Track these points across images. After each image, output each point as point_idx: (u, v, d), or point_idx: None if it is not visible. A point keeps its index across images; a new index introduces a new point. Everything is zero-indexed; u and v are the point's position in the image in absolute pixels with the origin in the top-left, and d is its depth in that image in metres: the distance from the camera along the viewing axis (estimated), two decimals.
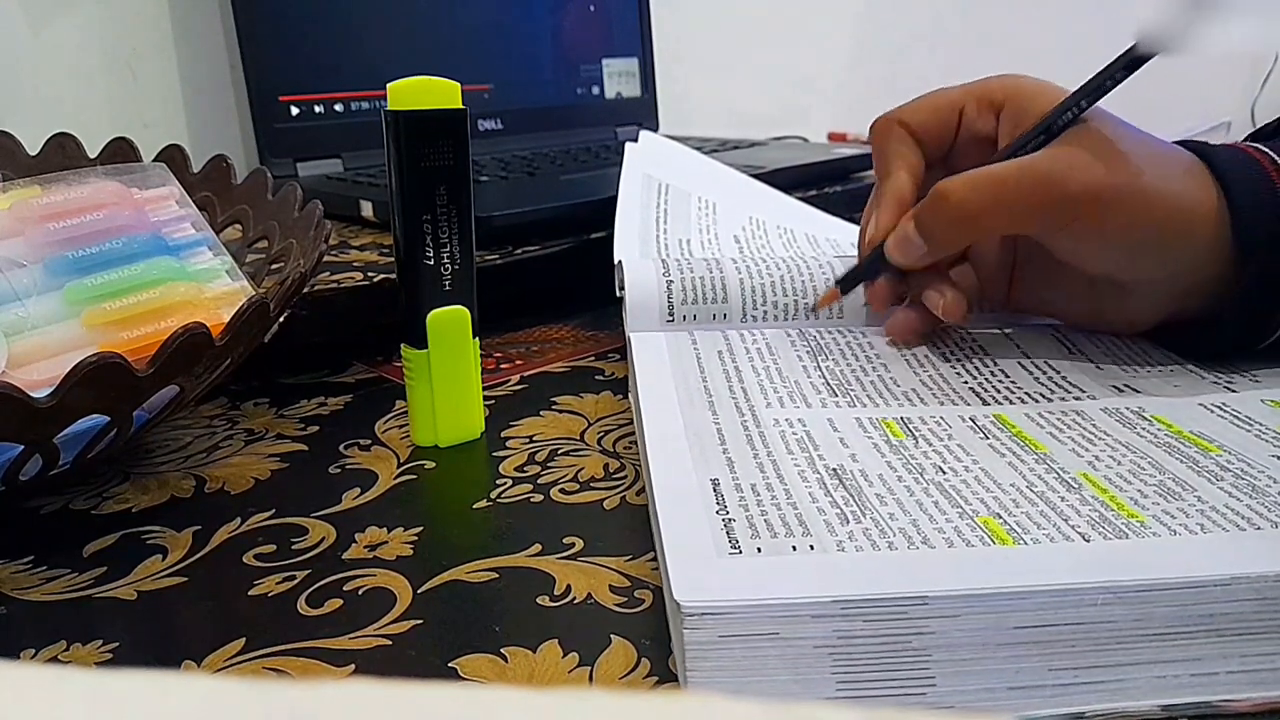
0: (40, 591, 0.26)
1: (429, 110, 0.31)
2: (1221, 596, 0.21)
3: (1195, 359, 0.35)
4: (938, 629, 0.20)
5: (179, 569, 0.27)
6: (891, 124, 0.38)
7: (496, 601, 0.25)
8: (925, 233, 0.34)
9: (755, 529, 0.23)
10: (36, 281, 0.32)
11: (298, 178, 0.67)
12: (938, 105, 0.38)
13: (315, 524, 0.30)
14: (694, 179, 0.54)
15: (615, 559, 0.27)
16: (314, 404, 0.39)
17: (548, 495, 0.31)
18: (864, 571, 0.21)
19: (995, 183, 0.32)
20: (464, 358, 0.34)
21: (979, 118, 0.37)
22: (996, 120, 0.37)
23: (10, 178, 0.39)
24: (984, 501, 0.25)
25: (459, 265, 0.33)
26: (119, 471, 0.34)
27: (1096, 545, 0.22)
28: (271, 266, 0.39)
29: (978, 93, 0.37)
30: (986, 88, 0.37)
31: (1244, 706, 0.21)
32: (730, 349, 0.37)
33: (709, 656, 0.20)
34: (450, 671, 0.22)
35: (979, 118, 0.37)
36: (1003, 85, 0.37)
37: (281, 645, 0.24)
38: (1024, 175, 0.32)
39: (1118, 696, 0.21)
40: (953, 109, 0.37)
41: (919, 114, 0.38)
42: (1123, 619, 0.20)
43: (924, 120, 0.38)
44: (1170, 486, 0.25)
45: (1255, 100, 1.15)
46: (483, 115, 0.77)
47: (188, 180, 0.40)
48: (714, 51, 1.06)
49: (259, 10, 0.66)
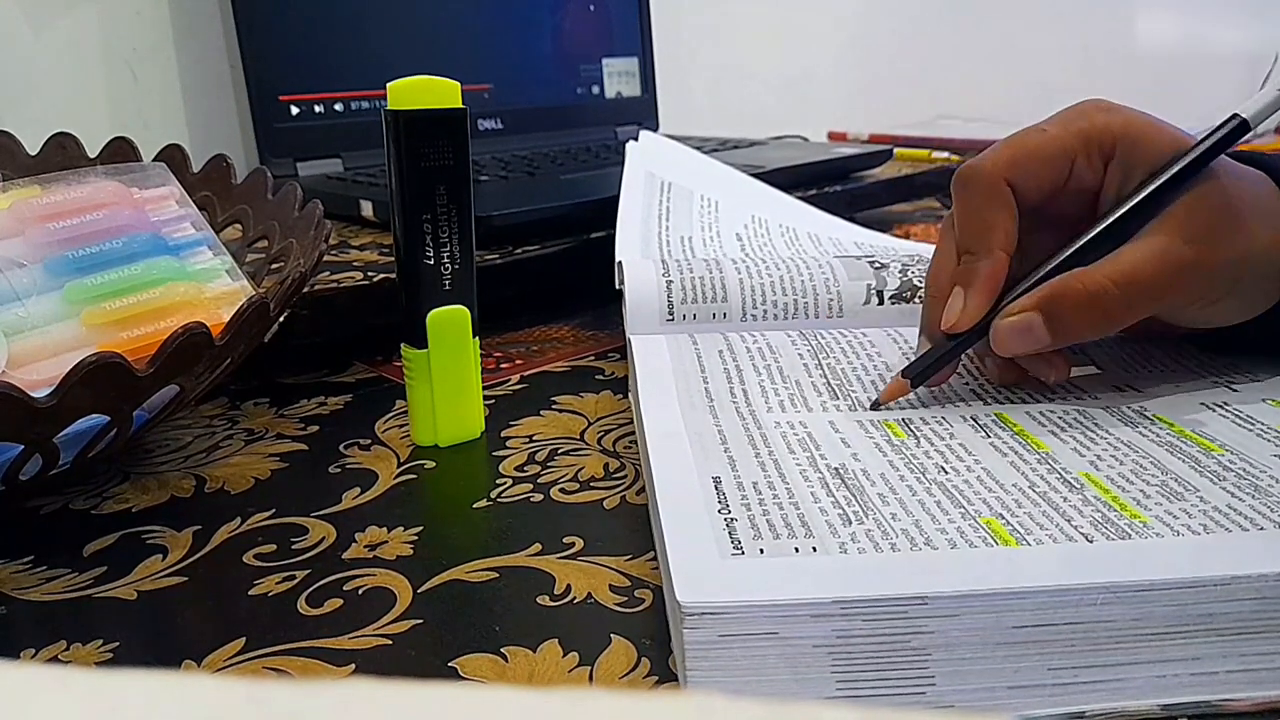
0: (40, 591, 0.26)
1: (429, 110, 0.31)
2: (1220, 596, 0.20)
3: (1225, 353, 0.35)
4: (937, 629, 0.20)
5: (179, 569, 0.27)
6: (997, 182, 0.32)
7: (496, 601, 0.25)
8: (1058, 327, 0.30)
9: (758, 529, 0.23)
10: (36, 281, 0.32)
11: (298, 177, 0.67)
12: (1048, 157, 0.32)
13: (315, 524, 0.30)
14: (696, 177, 0.54)
15: (615, 558, 0.27)
16: (314, 404, 0.39)
17: (548, 495, 0.31)
18: (865, 573, 0.21)
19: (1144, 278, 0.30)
20: (464, 357, 0.34)
21: (1089, 168, 0.33)
22: (1103, 170, 0.33)
23: (10, 177, 0.39)
24: (986, 502, 0.25)
25: (459, 265, 0.33)
26: (119, 471, 0.34)
27: (1099, 546, 0.22)
28: (271, 266, 0.39)
29: (1088, 140, 0.32)
30: (1095, 131, 0.32)
31: (1244, 706, 0.21)
32: (730, 349, 0.37)
33: (709, 656, 0.20)
34: (450, 671, 0.22)
35: (1089, 168, 0.33)
36: (1110, 128, 0.32)
37: (281, 645, 0.23)
38: (1169, 262, 0.30)
39: (1117, 696, 0.21)
40: (1065, 161, 0.32)
41: (1028, 170, 0.32)
42: (1122, 618, 0.20)
43: (1035, 178, 0.32)
44: (1173, 487, 0.25)
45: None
46: (483, 115, 0.77)
47: (188, 180, 0.40)
48: (714, 51, 1.06)
49: (259, 10, 0.66)
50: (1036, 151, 0.33)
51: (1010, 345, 0.31)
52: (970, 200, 0.33)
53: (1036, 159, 0.32)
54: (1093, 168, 0.33)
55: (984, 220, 0.32)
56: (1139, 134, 0.32)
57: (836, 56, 1.17)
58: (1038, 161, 0.32)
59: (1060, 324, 0.30)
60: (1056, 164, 0.32)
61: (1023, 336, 0.31)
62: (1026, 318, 0.31)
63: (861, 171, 0.72)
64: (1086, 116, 0.33)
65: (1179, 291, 0.30)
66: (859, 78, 1.18)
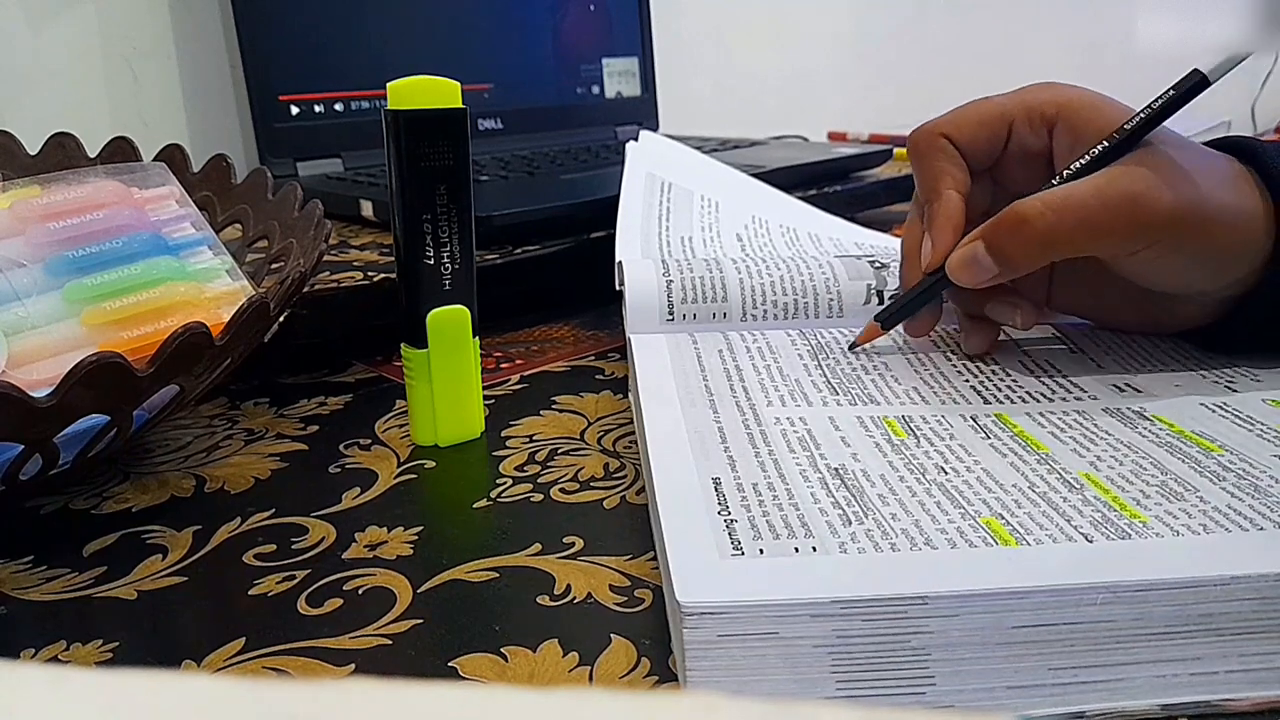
0: (40, 591, 0.26)
1: (429, 110, 0.31)
2: (1220, 596, 0.20)
3: (1221, 351, 0.35)
4: (936, 628, 0.20)
5: (179, 568, 0.27)
6: (935, 137, 0.36)
7: (497, 601, 0.25)
8: (999, 255, 0.32)
9: (758, 530, 0.23)
10: (36, 281, 0.32)
11: (298, 177, 0.67)
12: (985, 118, 0.35)
13: (315, 523, 0.30)
14: (696, 177, 0.54)
15: (615, 558, 0.27)
16: (314, 403, 0.39)
17: (548, 495, 0.31)
18: (865, 573, 0.21)
19: (1077, 204, 0.31)
20: (464, 357, 0.34)
21: (1030, 132, 0.35)
22: (1049, 135, 0.35)
23: (10, 177, 0.39)
24: (986, 502, 0.25)
25: (459, 265, 0.33)
26: (119, 471, 0.34)
27: (1099, 546, 0.22)
28: (271, 266, 0.39)
29: (1028, 105, 0.35)
30: (1036, 100, 0.35)
31: (1244, 706, 0.21)
32: (730, 348, 0.37)
33: (709, 656, 0.20)
34: (450, 671, 0.22)
35: (1030, 132, 0.35)
36: (1054, 98, 0.35)
37: (281, 645, 0.23)
38: (1107, 196, 0.31)
39: (1117, 695, 0.21)
40: (1002, 122, 0.35)
41: (965, 127, 0.36)
42: (1121, 618, 0.20)
43: (971, 134, 0.35)
44: (1172, 487, 0.25)
45: (1255, 100, 1.15)
46: (483, 115, 0.77)
47: (188, 180, 0.40)
48: (714, 51, 1.06)
49: (259, 10, 0.66)
50: (974, 112, 0.36)
51: (962, 274, 0.34)
52: (916, 157, 0.36)
53: (973, 118, 0.36)
54: (1034, 131, 0.35)
55: (931, 171, 0.36)
56: (1084, 104, 0.34)
57: (836, 56, 1.17)
58: (975, 121, 0.36)
59: (1000, 250, 0.32)
60: (993, 124, 0.35)
61: (970, 266, 0.33)
62: (972, 247, 0.33)
63: (861, 171, 0.72)
64: (1034, 88, 0.36)
65: (1116, 226, 0.31)
66: (859, 78, 1.18)
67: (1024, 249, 0.32)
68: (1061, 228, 0.31)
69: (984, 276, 0.33)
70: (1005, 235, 0.32)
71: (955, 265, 0.34)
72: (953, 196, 0.35)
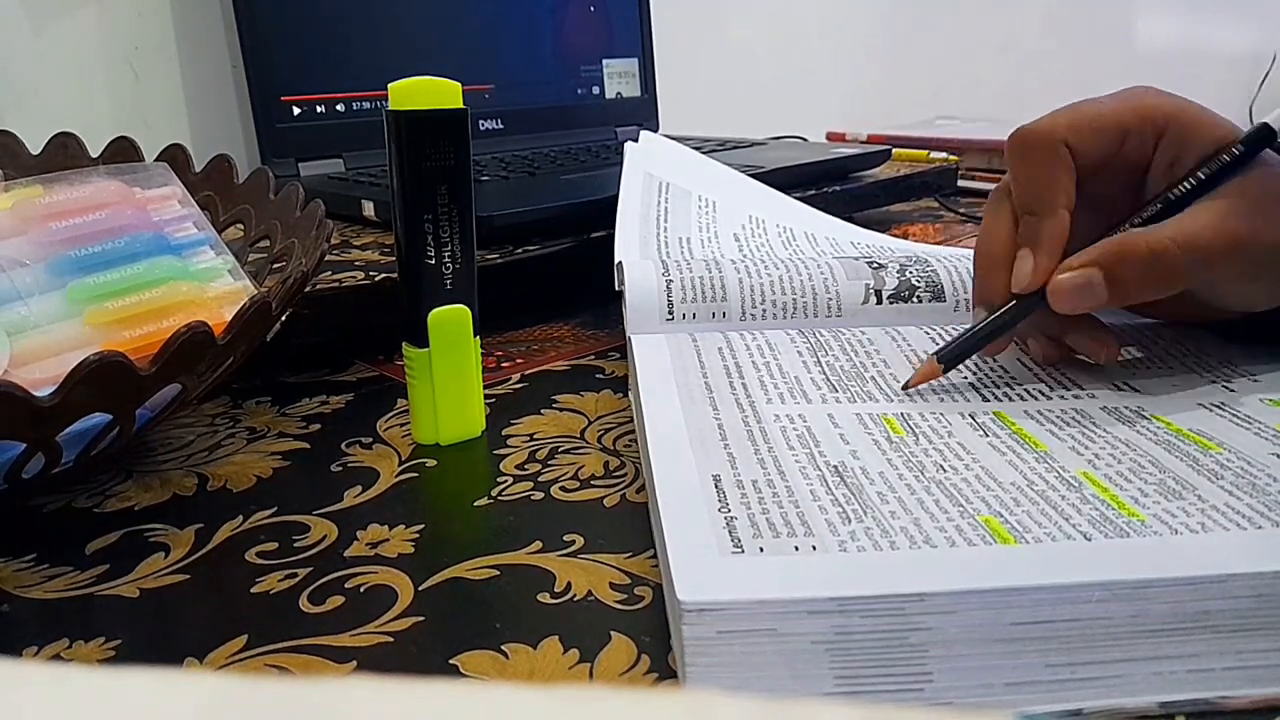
0: (42, 589, 0.27)
1: (430, 110, 0.31)
2: (1217, 594, 0.21)
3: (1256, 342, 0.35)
4: (935, 625, 0.20)
5: (181, 567, 0.27)
6: (1056, 143, 0.33)
7: (497, 599, 0.25)
8: (1117, 285, 0.30)
9: (757, 527, 0.23)
10: (39, 280, 0.32)
11: (299, 177, 0.67)
12: (1103, 126, 0.33)
13: (317, 522, 0.30)
14: (694, 178, 0.54)
15: (615, 556, 0.27)
16: (316, 402, 0.39)
17: (548, 493, 0.31)
18: (864, 570, 0.21)
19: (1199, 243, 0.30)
20: (465, 356, 0.34)
21: (1139, 143, 0.33)
22: (1154, 148, 0.33)
23: (12, 177, 0.39)
24: (985, 500, 0.25)
25: (460, 264, 0.33)
26: (121, 470, 0.34)
27: (1097, 544, 0.22)
28: (273, 266, 0.40)
29: (1141, 116, 0.33)
30: (1148, 111, 0.33)
31: (1242, 703, 0.21)
32: (730, 346, 0.37)
33: (708, 652, 0.20)
34: (451, 668, 0.23)
35: (1139, 143, 0.33)
36: (1161, 108, 0.33)
37: (283, 643, 0.24)
38: (1224, 231, 0.30)
39: (1115, 693, 0.21)
40: (1118, 132, 0.33)
41: (1084, 135, 0.33)
42: (1119, 615, 0.21)
43: (1090, 143, 0.33)
44: (1171, 485, 0.25)
45: (1254, 100, 1.15)
46: (484, 115, 0.77)
47: (190, 180, 0.40)
48: (713, 51, 1.06)
49: (261, 10, 0.67)
50: (1094, 118, 0.33)
51: (1068, 302, 0.31)
52: (1029, 162, 0.33)
53: (1093, 125, 0.33)
54: (1144, 143, 0.33)
55: (1045, 180, 0.33)
56: (1191, 118, 0.33)
57: (835, 57, 1.17)
58: (1094, 128, 0.33)
59: (1119, 281, 0.31)
60: (1111, 133, 0.33)
61: (1081, 293, 0.31)
62: (1086, 273, 0.31)
63: (860, 172, 0.72)
64: (1141, 95, 0.34)
65: (1232, 261, 0.30)
66: (858, 78, 1.18)
67: (1149, 282, 0.31)
68: (1187, 262, 0.30)
69: (1089, 305, 0.31)
70: (1130, 266, 0.31)
71: (1063, 289, 0.31)
72: (1065, 217, 0.32)
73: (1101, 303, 0.31)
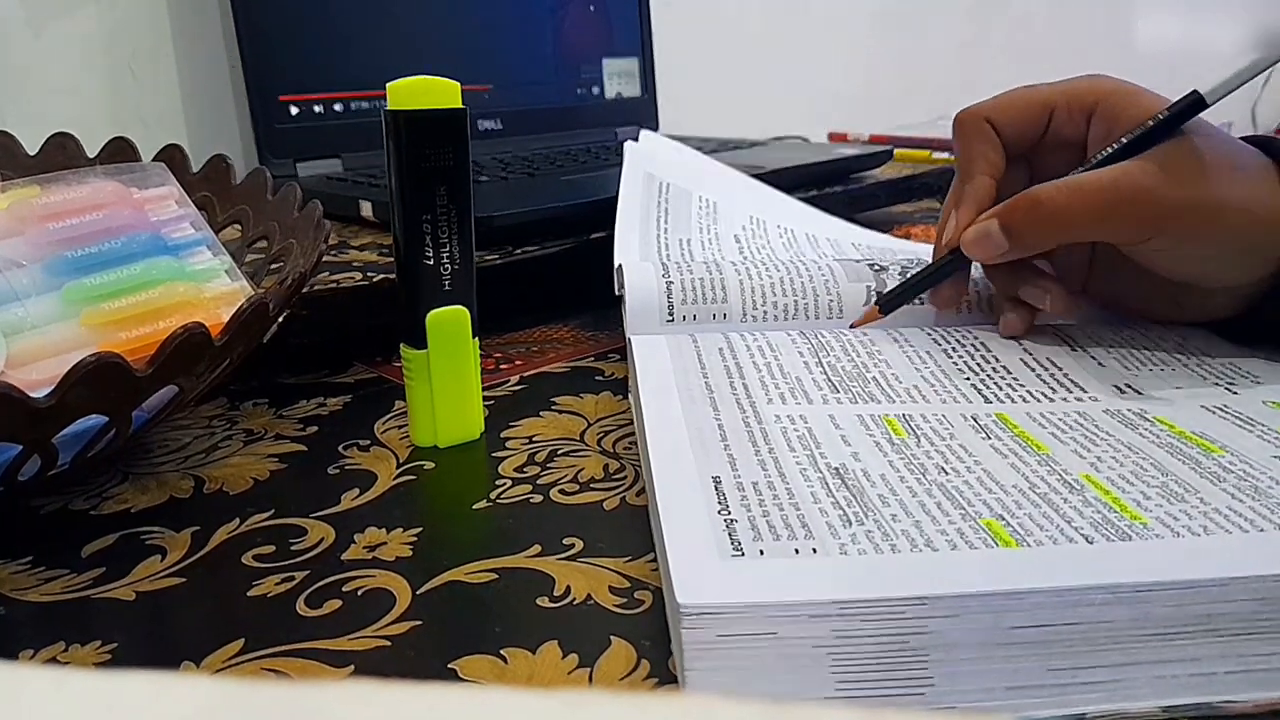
0: (39, 592, 0.26)
1: (429, 110, 0.31)
2: (1220, 597, 0.20)
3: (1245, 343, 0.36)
4: (936, 629, 0.20)
5: (178, 569, 0.27)
6: (978, 120, 0.37)
7: (496, 602, 0.25)
8: (1011, 232, 0.34)
9: (757, 530, 0.23)
10: (36, 281, 0.32)
11: (297, 178, 0.67)
12: (1028, 104, 0.37)
13: (314, 525, 0.30)
14: (695, 178, 0.54)
15: (615, 560, 0.27)
16: (313, 404, 0.39)
17: (547, 496, 0.31)
18: (865, 574, 0.21)
19: (1089, 191, 0.33)
20: (464, 358, 0.34)
21: (1069, 121, 0.37)
22: (1086, 124, 0.36)
23: (10, 177, 0.39)
24: (987, 503, 0.25)
25: (459, 265, 0.33)
26: (118, 472, 0.34)
27: (1099, 547, 0.22)
28: (271, 266, 0.39)
29: (1070, 95, 0.36)
30: (1078, 90, 0.36)
31: (1245, 707, 0.21)
32: (731, 347, 0.37)
33: (708, 657, 0.20)
34: (450, 673, 0.22)
35: (1069, 121, 0.37)
36: (1094, 88, 0.36)
37: (280, 646, 0.23)
38: (1118, 186, 0.32)
39: (1117, 697, 0.21)
40: (1043, 109, 0.37)
41: (1008, 112, 0.37)
42: (1121, 619, 0.20)
43: (1012, 119, 0.37)
44: (1173, 488, 0.25)
45: (1256, 101, 1.15)
46: (483, 115, 0.77)
47: (187, 180, 0.40)
48: (714, 51, 1.06)
49: (259, 10, 0.66)
50: (1021, 98, 0.37)
51: (975, 250, 0.36)
52: (958, 138, 0.38)
53: (1017, 104, 0.37)
54: (1073, 120, 0.37)
55: (969, 152, 0.38)
56: (1122, 94, 0.36)
57: (837, 57, 1.17)
58: (1018, 106, 0.37)
59: (1013, 228, 0.35)
60: (1035, 110, 0.37)
61: (982, 241, 0.35)
62: (986, 224, 0.35)
63: (862, 172, 0.72)
64: (1080, 79, 0.37)
65: (1122, 215, 0.33)
66: (859, 79, 1.18)
67: (1034, 228, 0.34)
68: (1070, 212, 0.33)
69: (995, 252, 0.35)
70: (1018, 214, 0.34)
71: (968, 239, 0.36)
72: (984, 180, 0.37)
73: (1003, 249, 0.35)
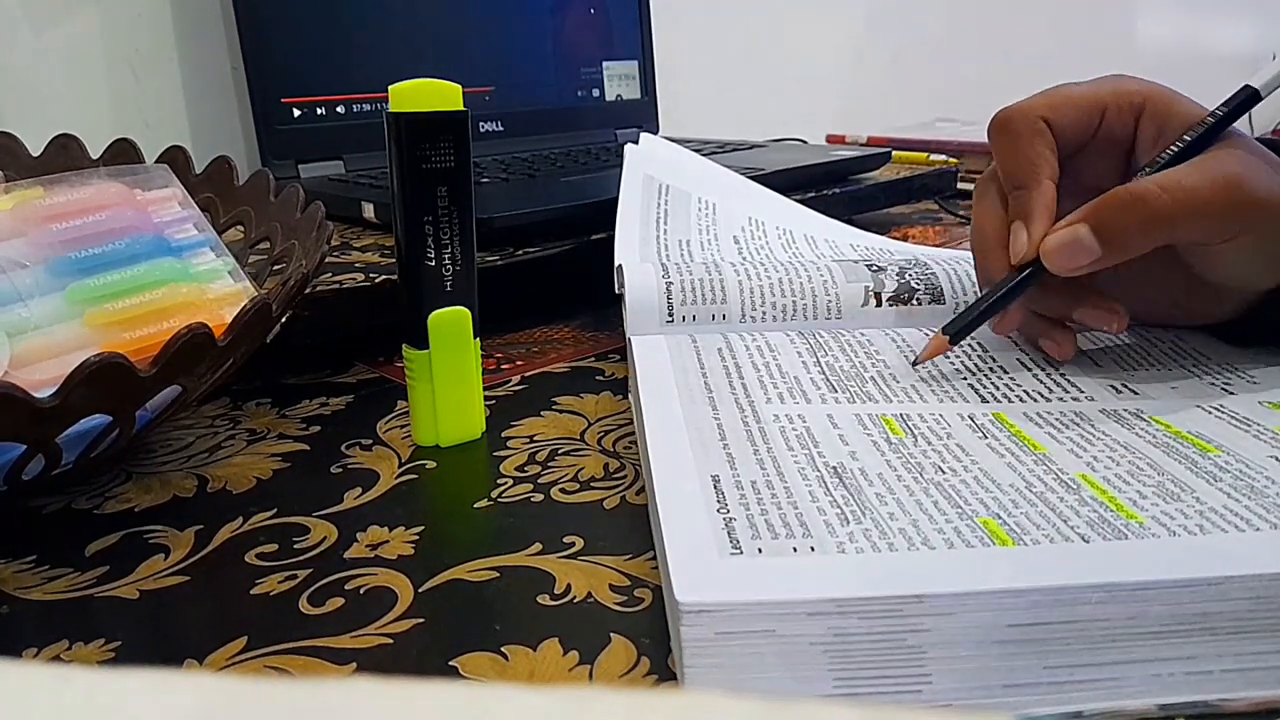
0: (42, 591, 0.27)
1: (430, 112, 0.31)
2: (1215, 596, 0.21)
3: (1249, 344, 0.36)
4: (933, 627, 0.20)
5: (181, 568, 0.27)
6: (1035, 120, 0.35)
7: (497, 600, 0.25)
8: (1106, 236, 0.31)
9: (756, 529, 0.23)
10: (39, 282, 0.32)
11: (300, 179, 0.67)
12: (1082, 104, 0.35)
13: (317, 523, 0.30)
14: (694, 180, 0.54)
15: (615, 558, 0.27)
16: (316, 404, 0.39)
17: (548, 495, 0.31)
18: (862, 572, 0.21)
19: (1189, 187, 0.30)
20: (465, 358, 0.34)
21: (1119, 121, 0.35)
22: (1134, 124, 0.35)
23: (13, 178, 0.39)
24: (984, 502, 0.25)
25: (460, 266, 0.33)
26: (121, 471, 0.34)
27: (1095, 546, 0.22)
28: (274, 267, 0.40)
29: (1118, 93, 0.35)
30: (1125, 88, 0.35)
31: (1241, 705, 0.21)
32: (730, 346, 0.37)
33: (707, 654, 0.20)
34: (451, 670, 0.23)
35: (1119, 121, 0.35)
36: (1139, 89, 0.35)
37: (283, 644, 0.24)
38: (1215, 178, 0.31)
39: (1114, 695, 0.21)
40: (1096, 108, 0.35)
41: (1064, 112, 0.35)
42: (1117, 618, 0.21)
43: (1068, 121, 0.35)
44: (1169, 488, 0.25)
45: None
46: (484, 117, 0.77)
47: (190, 181, 0.40)
48: (713, 54, 1.06)
49: (261, 12, 0.67)
50: (1071, 96, 0.35)
51: (1061, 260, 0.32)
52: (1012, 140, 0.35)
53: (1071, 103, 0.35)
54: (1123, 121, 0.35)
55: (1029, 154, 0.34)
56: (1168, 96, 0.34)
57: (835, 59, 1.17)
58: (1072, 105, 0.35)
59: (1108, 231, 0.31)
60: (1089, 110, 0.35)
61: (1072, 249, 0.31)
62: (1074, 229, 0.31)
63: (860, 174, 0.72)
64: (1116, 78, 0.36)
65: (1222, 207, 0.30)
66: (857, 81, 1.18)
67: (1137, 229, 0.31)
68: (1175, 209, 0.30)
69: (1085, 260, 0.31)
70: (1116, 215, 0.31)
71: (1051, 248, 0.32)
72: (1049, 186, 0.34)
73: (1095, 257, 0.31)
